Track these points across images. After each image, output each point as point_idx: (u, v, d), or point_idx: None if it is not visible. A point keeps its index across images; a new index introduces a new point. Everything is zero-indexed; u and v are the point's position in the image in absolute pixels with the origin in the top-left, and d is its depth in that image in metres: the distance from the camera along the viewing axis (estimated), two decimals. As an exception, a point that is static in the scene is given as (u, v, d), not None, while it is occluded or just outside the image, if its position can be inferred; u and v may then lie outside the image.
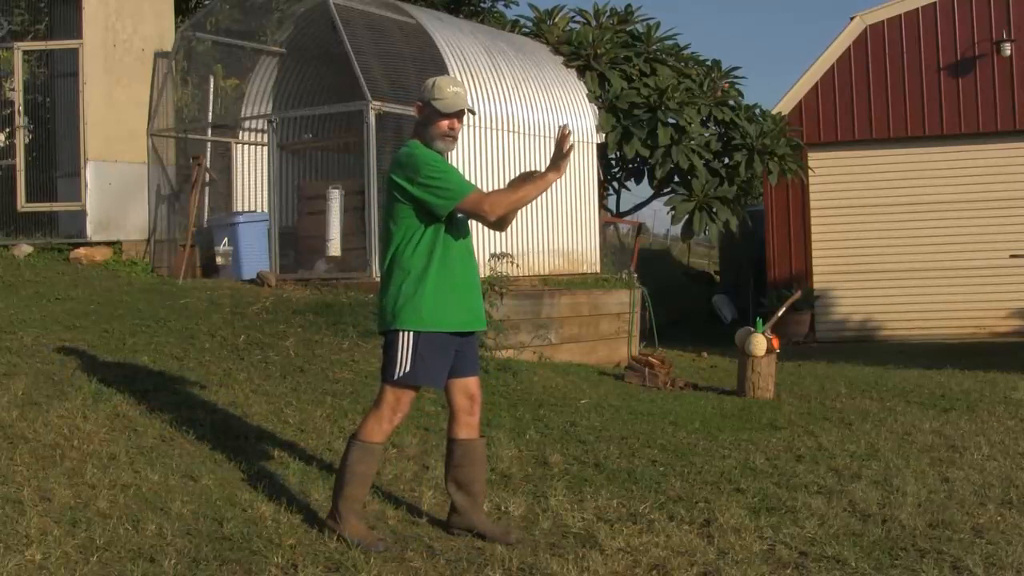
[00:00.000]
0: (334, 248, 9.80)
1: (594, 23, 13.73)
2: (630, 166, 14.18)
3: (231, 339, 7.48)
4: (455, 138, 4.50)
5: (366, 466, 4.44)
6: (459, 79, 4.61)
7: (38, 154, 10.75)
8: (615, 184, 14.84)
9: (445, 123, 4.42)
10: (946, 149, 15.02)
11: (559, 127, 4.49)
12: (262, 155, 11.22)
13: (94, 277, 9.45)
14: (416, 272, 4.36)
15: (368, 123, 9.35)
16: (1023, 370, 10.17)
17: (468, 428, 4.62)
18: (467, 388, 4.60)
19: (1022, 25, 14.73)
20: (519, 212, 4.75)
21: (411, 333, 4.34)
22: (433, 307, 4.35)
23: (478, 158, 10.26)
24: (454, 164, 10.29)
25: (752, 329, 9.05)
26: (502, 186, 4.69)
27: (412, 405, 4.56)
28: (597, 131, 12.12)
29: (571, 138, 4.36)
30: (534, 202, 11.45)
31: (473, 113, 4.57)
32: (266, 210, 10.53)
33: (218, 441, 5.43)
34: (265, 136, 10.94)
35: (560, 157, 4.34)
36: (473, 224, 4.66)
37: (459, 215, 4.45)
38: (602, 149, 12.47)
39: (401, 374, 4.35)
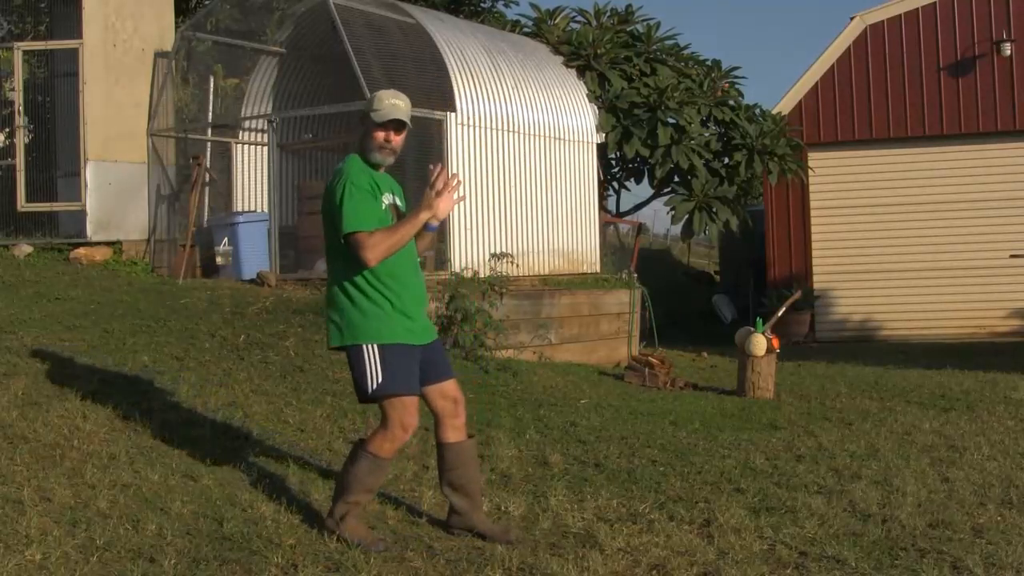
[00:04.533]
0: (334, 248, 9.79)
1: (594, 23, 13.74)
2: (630, 166, 14.18)
3: (231, 339, 7.48)
4: (393, 151, 4.41)
5: (375, 479, 4.43)
6: (403, 94, 4.51)
7: (38, 154, 10.75)
8: (615, 184, 14.84)
9: (380, 134, 4.37)
10: (946, 149, 15.02)
11: (431, 166, 4.43)
12: (262, 155, 11.23)
13: (94, 277, 9.45)
14: (360, 286, 4.31)
15: (368, 123, 9.34)
16: (1023, 370, 10.17)
17: (455, 431, 4.59)
18: (445, 392, 4.55)
19: (1022, 25, 14.72)
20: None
21: (373, 345, 4.30)
22: (385, 322, 4.30)
23: (478, 158, 10.26)
24: (456, 164, 10.32)
25: (752, 329, 9.05)
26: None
27: (418, 416, 4.48)
28: (597, 131, 12.12)
29: (444, 175, 4.30)
30: (534, 202, 11.51)
31: (406, 126, 4.44)
32: (266, 210, 10.53)
33: (218, 441, 5.43)
34: (265, 136, 10.95)
35: (431, 196, 4.28)
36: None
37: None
38: (602, 149, 12.48)
39: (375, 385, 4.29)
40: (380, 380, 4.29)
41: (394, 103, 4.37)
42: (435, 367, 4.52)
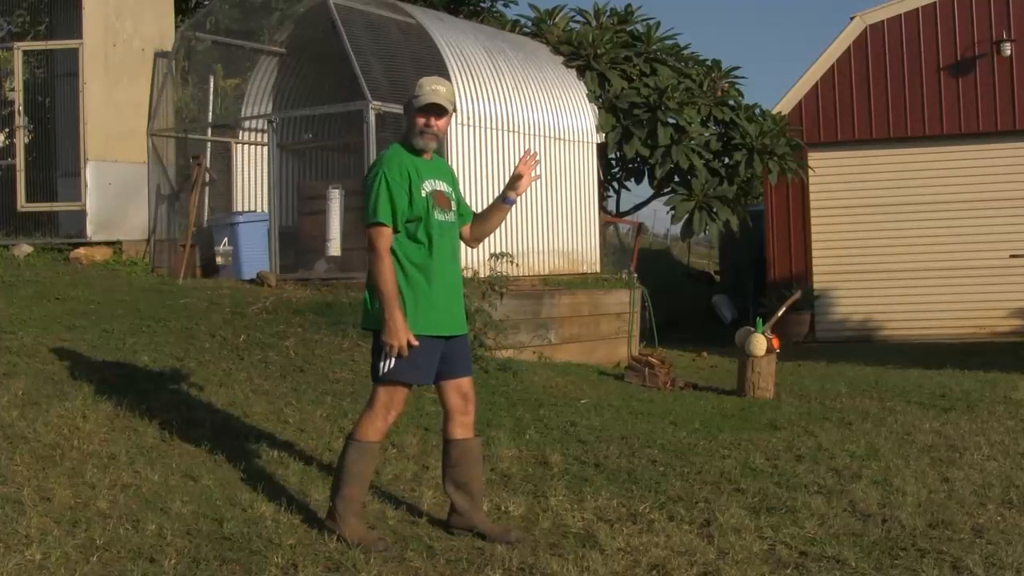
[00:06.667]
0: (334, 248, 9.80)
1: (594, 23, 13.73)
2: (630, 166, 14.17)
3: (231, 339, 7.48)
4: (435, 135, 4.49)
5: (363, 466, 4.45)
6: (448, 80, 4.60)
7: (38, 154, 10.75)
8: (615, 184, 14.84)
9: (421, 119, 4.45)
10: (946, 149, 15.02)
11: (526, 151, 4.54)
12: (262, 155, 11.22)
13: (94, 277, 9.45)
14: (398, 276, 4.38)
15: (368, 123, 9.35)
16: (1023, 370, 10.17)
17: (463, 428, 4.63)
18: (460, 388, 4.61)
19: (1022, 25, 14.72)
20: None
21: None
22: (412, 312, 4.36)
23: (478, 158, 10.26)
24: (455, 164, 10.35)
25: (752, 329, 9.04)
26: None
27: (406, 403, 4.57)
28: (597, 131, 12.12)
29: (528, 163, 4.47)
30: (534, 202, 11.54)
31: (452, 111, 4.53)
32: (266, 210, 10.52)
33: (218, 441, 5.43)
34: (265, 136, 10.94)
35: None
36: None
37: (440, 218, 4.46)
38: (602, 149, 12.47)
39: (386, 370, 4.37)
40: (392, 366, 4.36)
41: (434, 88, 4.45)
42: (456, 362, 4.57)
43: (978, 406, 8.19)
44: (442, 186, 4.53)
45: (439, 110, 4.45)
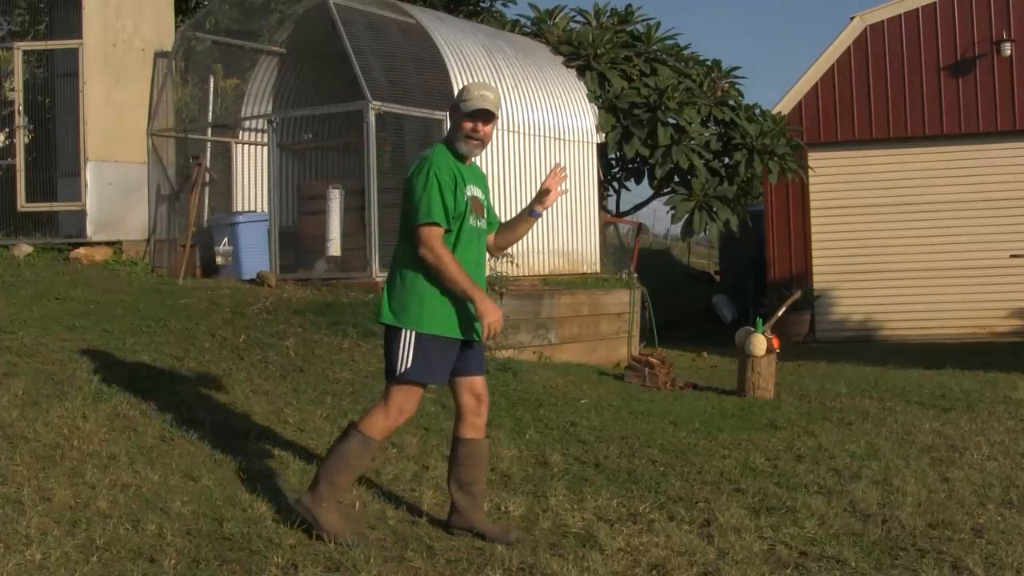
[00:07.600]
0: (334, 248, 9.79)
1: (594, 23, 13.74)
2: (630, 166, 14.18)
3: (231, 339, 7.47)
4: (480, 141, 4.50)
5: (362, 459, 4.48)
6: (492, 86, 4.58)
7: (38, 154, 10.74)
8: (615, 184, 14.84)
9: (468, 124, 4.45)
10: (946, 149, 15.03)
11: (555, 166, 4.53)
12: (262, 155, 11.22)
13: (94, 277, 9.44)
14: (422, 274, 4.38)
15: (368, 123, 9.35)
16: (1023, 370, 10.17)
17: (474, 428, 4.63)
18: (473, 387, 4.61)
19: (1022, 25, 14.73)
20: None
21: (412, 331, 4.36)
22: (434, 312, 4.36)
23: (478, 158, 10.25)
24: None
25: (752, 329, 9.04)
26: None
27: (418, 405, 4.55)
28: (597, 131, 12.12)
29: (556, 177, 4.57)
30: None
31: (495, 117, 4.52)
32: (266, 210, 10.52)
33: (218, 441, 5.43)
34: (265, 136, 10.94)
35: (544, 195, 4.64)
36: None
37: (472, 224, 4.47)
38: (602, 149, 12.48)
39: (403, 370, 4.36)
40: (408, 365, 4.36)
41: (482, 94, 4.45)
42: (469, 361, 4.57)
43: (978, 406, 8.19)
44: (478, 193, 4.55)
45: (487, 116, 4.45)
